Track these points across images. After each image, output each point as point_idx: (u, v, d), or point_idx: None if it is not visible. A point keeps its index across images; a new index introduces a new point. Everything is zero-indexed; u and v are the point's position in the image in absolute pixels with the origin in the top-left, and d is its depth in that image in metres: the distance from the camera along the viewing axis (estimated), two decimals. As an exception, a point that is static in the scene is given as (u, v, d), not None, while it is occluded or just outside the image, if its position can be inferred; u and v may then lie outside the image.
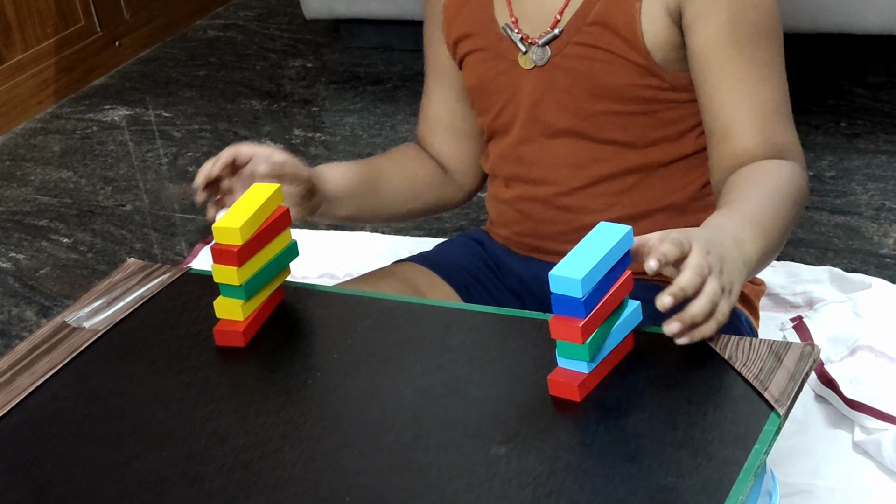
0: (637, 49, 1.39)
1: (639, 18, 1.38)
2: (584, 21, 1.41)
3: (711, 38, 1.37)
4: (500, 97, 1.50)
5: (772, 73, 1.39)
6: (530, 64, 1.45)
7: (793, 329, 1.82)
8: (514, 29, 1.46)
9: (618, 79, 1.41)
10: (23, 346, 1.32)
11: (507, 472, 1.04)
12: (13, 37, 3.25)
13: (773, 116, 1.38)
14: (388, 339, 1.26)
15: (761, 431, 1.05)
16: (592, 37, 1.41)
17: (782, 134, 1.38)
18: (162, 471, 1.10)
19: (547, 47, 1.44)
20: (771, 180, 1.33)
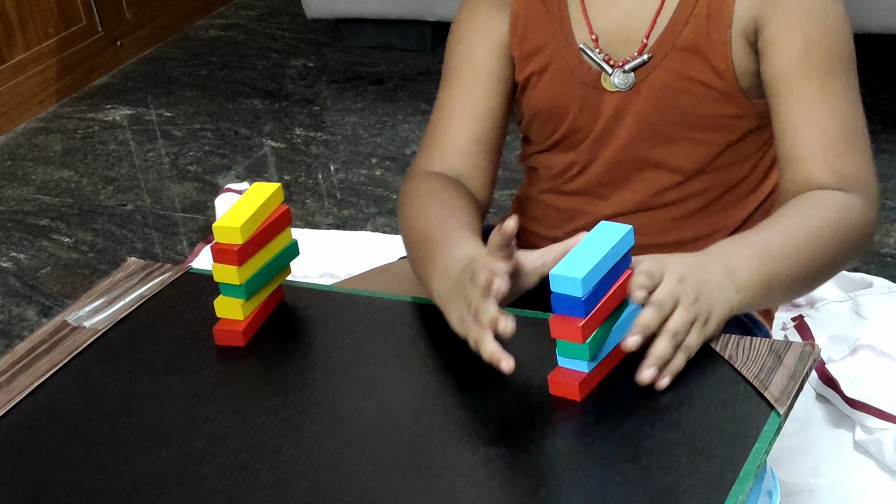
0: (727, 79, 1.35)
1: (730, 46, 1.35)
2: (672, 45, 1.36)
3: (783, 63, 1.33)
4: (572, 116, 1.44)
5: (843, 103, 1.34)
6: (612, 88, 1.40)
7: (794, 328, 1.82)
8: (594, 48, 1.40)
9: (704, 109, 1.38)
10: (23, 346, 1.32)
11: (506, 471, 1.04)
12: (15, 36, 3.25)
13: (840, 146, 1.32)
14: (388, 339, 1.26)
15: (761, 431, 1.05)
16: (682, 64, 1.36)
17: (849, 165, 1.32)
18: (161, 470, 1.10)
19: (632, 73, 1.39)
20: (809, 211, 1.29)
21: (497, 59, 1.47)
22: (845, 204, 1.30)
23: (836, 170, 1.32)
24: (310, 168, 2.78)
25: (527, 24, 1.45)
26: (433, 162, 1.47)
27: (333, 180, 2.71)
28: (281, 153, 2.88)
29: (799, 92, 1.33)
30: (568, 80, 1.43)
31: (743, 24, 1.35)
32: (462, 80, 1.48)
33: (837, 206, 1.30)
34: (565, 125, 1.46)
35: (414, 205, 1.41)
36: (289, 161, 2.83)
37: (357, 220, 2.50)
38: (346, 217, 2.52)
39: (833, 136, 1.33)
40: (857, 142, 1.35)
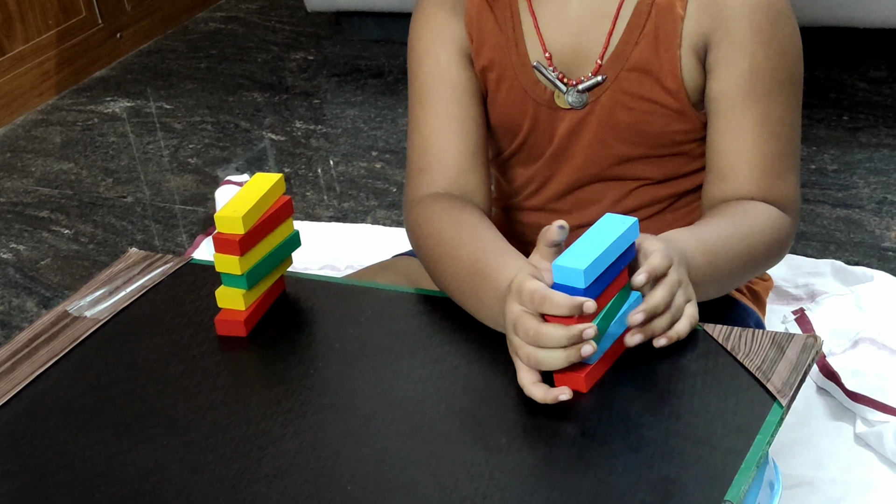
0: (679, 97, 1.36)
1: (680, 65, 1.34)
2: (622, 66, 1.36)
3: (729, 85, 1.33)
4: (525, 133, 1.44)
5: (783, 127, 1.35)
6: (566, 105, 1.40)
7: (795, 321, 1.82)
8: (548, 66, 1.40)
9: (657, 127, 1.38)
10: (24, 335, 1.32)
11: (507, 462, 1.04)
12: (14, 28, 3.25)
13: (776, 170, 1.34)
14: (390, 330, 1.25)
15: (764, 422, 1.05)
16: (633, 84, 1.36)
17: (781, 187, 1.35)
18: (163, 459, 1.10)
19: (586, 92, 1.39)
20: (748, 216, 1.32)
21: (466, 69, 1.44)
22: (776, 218, 1.33)
23: (769, 192, 1.34)
24: (310, 161, 2.78)
25: (481, 38, 1.43)
26: (432, 184, 1.43)
27: (333, 173, 2.71)
28: (281, 146, 2.87)
29: (740, 113, 1.34)
30: (522, 98, 1.42)
31: (693, 43, 1.34)
32: (437, 95, 1.45)
33: (770, 218, 1.33)
34: (518, 140, 1.46)
35: (434, 234, 1.36)
36: (289, 154, 2.83)
37: (357, 213, 2.50)
38: (347, 210, 2.52)
39: (769, 161, 1.34)
40: (791, 163, 1.36)
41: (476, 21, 1.43)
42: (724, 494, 0.97)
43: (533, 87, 1.41)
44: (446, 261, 1.31)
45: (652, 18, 1.34)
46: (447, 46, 1.45)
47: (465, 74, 1.44)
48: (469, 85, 1.44)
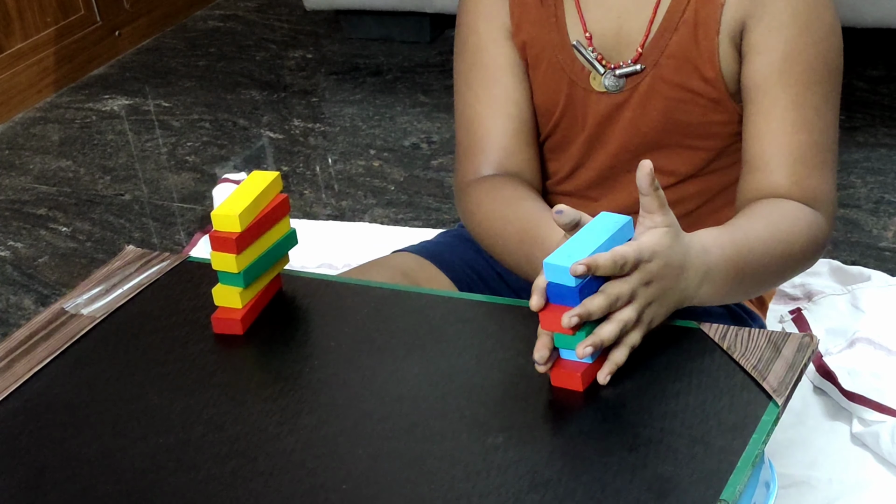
0: (718, 86, 1.35)
1: (718, 54, 1.34)
2: (661, 53, 1.36)
3: (763, 71, 1.32)
4: (559, 114, 1.44)
5: (818, 118, 1.33)
6: (602, 88, 1.39)
7: (791, 321, 1.82)
8: (587, 47, 1.39)
9: (695, 117, 1.37)
10: (20, 333, 1.32)
11: (504, 460, 1.04)
12: (13, 25, 3.25)
13: (810, 161, 1.32)
14: (386, 328, 1.25)
15: (759, 421, 1.05)
16: (671, 71, 1.36)
17: (815, 181, 1.33)
18: (159, 457, 1.10)
19: (624, 78, 1.38)
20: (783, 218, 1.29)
21: (509, 48, 1.44)
22: (812, 219, 1.31)
23: (802, 185, 1.32)
24: (308, 159, 2.78)
25: (522, 14, 1.44)
26: (481, 167, 1.44)
27: (331, 171, 2.71)
28: (279, 144, 2.87)
29: (775, 101, 1.32)
30: (559, 77, 1.42)
31: (730, 29, 1.33)
32: (480, 75, 1.45)
33: (806, 219, 1.30)
34: (553, 122, 1.45)
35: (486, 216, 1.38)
36: (287, 152, 2.83)
37: (355, 211, 2.50)
38: (345, 208, 2.52)
39: (803, 150, 1.32)
40: (826, 159, 1.34)
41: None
42: (720, 493, 0.97)
43: (570, 67, 1.41)
44: (500, 239, 1.35)
45: (692, 5, 1.34)
46: (491, 24, 1.45)
47: (508, 53, 1.44)
48: (512, 64, 1.44)
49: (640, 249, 1.11)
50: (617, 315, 1.11)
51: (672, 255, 1.14)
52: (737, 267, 1.22)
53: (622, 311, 1.11)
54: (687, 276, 1.16)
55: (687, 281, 1.16)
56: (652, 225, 1.14)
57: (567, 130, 1.45)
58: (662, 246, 1.13)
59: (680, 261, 1.15)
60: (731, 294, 1.24)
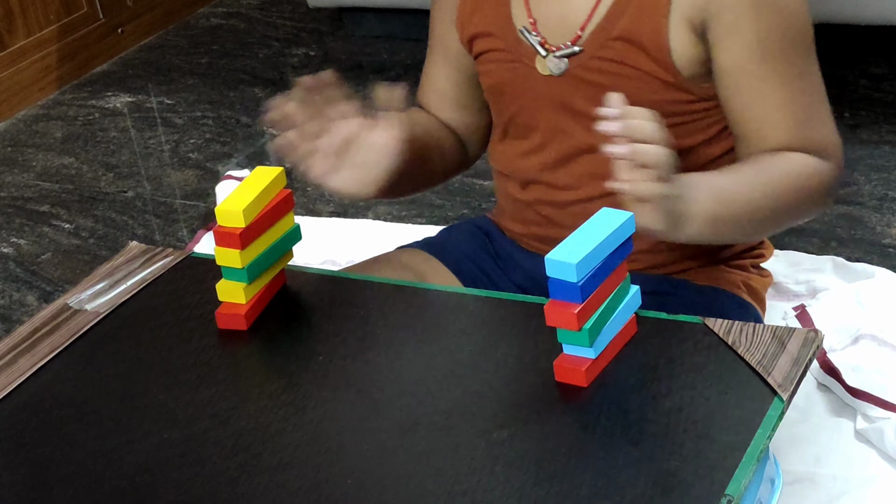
0: (665, 66, 1.35)
1: (667, 35, 1.34)
2: (608, 36, 1.37)
3: (740, 55, 1.33)
4: (518, 100, 1.46)
5: (804, 81, 1.36)
6: (546, 71, 1.41)
7: (795, 318, 1.82)
8: (532, 32, 1.41)
9: (644, 95, 1.36)
10: (24, 328, 1.32)
11: (508, 455, 1.04)
12: (16, 22, 3.25)
13: (805, 124, 1.36)
14: (391, 324, 1.25)
15: (764, 416, 1.05)
16: (617, 52, 1.37)
17: (815, 137, 1.36)
18: (163, 453, 1.10)
19: (565, 59, 1.40)
20: (776, 165, 1.33)
21: (454, 41, 1.51)
22: (817, 167, 1.34)
23: (811, 140, 1.35)
24: (311, 156, 2.78)
25: (473, 6, 1.47)
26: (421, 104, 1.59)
27: (334, 168, 2.71)
28: (282, 141, 2.87)
29: (759, 80, 1.34)
30: (509, 63, 1.45)
31: (685, 14, 1.34)
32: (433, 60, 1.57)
33: (804, 163, 1.34)
34: (511, 110, 1.47)
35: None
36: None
37: (358, 208, 2.50)
38: (347, 205, 2.52)
39: (797, 115, 1.35)
40: (820, 111, 1.38)
41: None
42: (725, 488, 0.97)
43: (518, 52, 1.43)
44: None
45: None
46: (444, 11, 1.53)
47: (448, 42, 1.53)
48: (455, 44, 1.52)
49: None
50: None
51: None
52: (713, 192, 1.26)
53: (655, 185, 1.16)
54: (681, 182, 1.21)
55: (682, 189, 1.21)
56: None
57: (525, 117, 1.47)
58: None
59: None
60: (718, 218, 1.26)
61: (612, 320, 1.14)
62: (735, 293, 1.48)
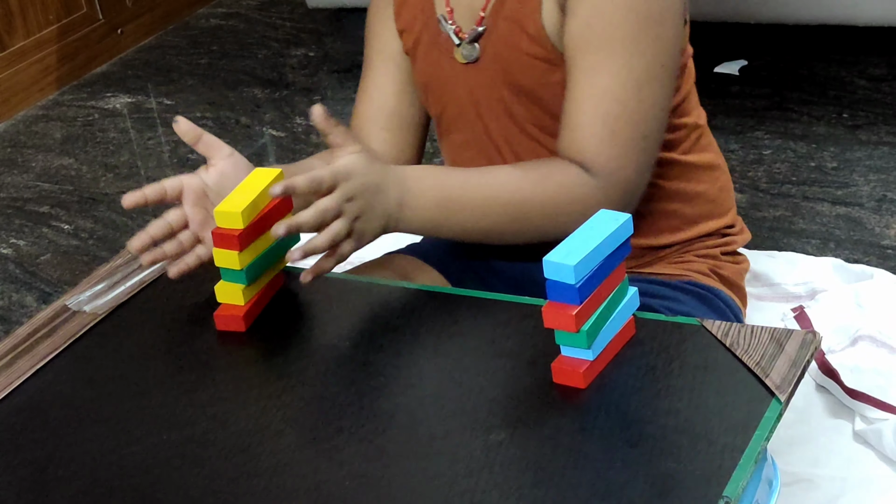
0: (544, 45, 1.35)
1: (540, 12, 1.34)
2: (499, 15, 1.37)
3: (570, 33, 1.32)
4: (445, 92, 1.46)
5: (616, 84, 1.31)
6: (463, 59, 1.42)
7: (794, 319, 1.82)
8: (448, 20, 1.42)
9: (533, 78, 1.37)
10: (23, 330, 1.32)
11: (506, 457, 1.04)
12: (15, 23, 3.25)
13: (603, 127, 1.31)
14: (389, 325, 1.25)
15: (762, 418, 1.05)
16: (506, 33, 1.37)
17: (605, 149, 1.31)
18: (162, 454, 1.10)
19: (476, 44, 1.40)
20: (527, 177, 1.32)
21: (392, 37, 1.52)
22: (578, 186, 1.32)
23: (592, 150, 1.31)
24: (310, 157, 2.78)
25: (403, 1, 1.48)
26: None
27: (334, 169, 2.71)
28: (281, 142, 2.88)
29: (579, 62, 1.32)
30: (434, 54, 1.45)
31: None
32: (365, 64, 1.57)
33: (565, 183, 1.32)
34: (442, 102, 1.48)
35: None
36: (289, 150, 2.83)
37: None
38: (347, 206, 2.52)
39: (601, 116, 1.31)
40: (622, 128, 1.31)
41: None
42: (723, 490, 0.97)
43: (439, 43, 1.44)
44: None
45: None
46: (378, 14, 1.54)
47: (388, 40, 1.53)
48: (389, 51, 1.52)
49: (334, 170, 1.23)
50: (329, 228, 1.22)
51: (368, 174, 1.25)
52: (439, 199, 1.30)
53: (333, 225, 1.22)
54: (387, 196, 1.27)
55: (387, 201, 1.27)
56: (346, 153, 1.25)
57: (453, 108, 1.47)
58: (357, 166, 1.24)
59: (377, 181, 1.26)
60: (440, 224, 1.31)
61: (611, 322, 1.14)
62: (702, 282, 1.48)
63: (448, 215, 1.31)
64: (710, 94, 2.71)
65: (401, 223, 1.29)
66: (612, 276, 1.13)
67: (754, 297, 1.86)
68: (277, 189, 1.19)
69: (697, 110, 1.49)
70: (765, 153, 2.52)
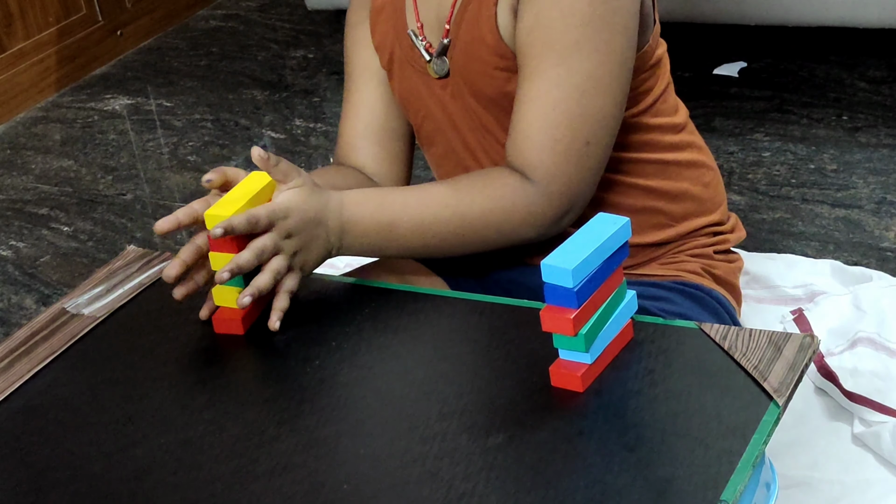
0: (501, 52, 1.35)
1: (497, 21, 1.34)
2: (460, 26, 1.38)
3: (519, 37, 1.32)
4: (420, 107, 1.47)
5: (559, 92, 1.30)
6: (435, 74, 1.42)
7: (793, 321, 1.82)
8: (418, 36, 1.43)
9: (495, 87, 1.38)
10: (22, 332, 1.32)
11: (504, 460, 1.04)
12: (15, 25, 3.25)
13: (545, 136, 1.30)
14: (387, 328, 1.25)
15: (760, 422, 1.05)
16: (467, 44, 1.38)
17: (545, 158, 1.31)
18: (160, 457, 1.10)
19: (445, 58, 1.40)
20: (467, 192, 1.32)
21: (371, 54, 1.51)
22: (518, 193, 1.32)
23: (533, 157, 1.31)
24: (310, 159, 2.78)
25: (377, 17, 1.49)
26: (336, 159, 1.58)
27: (333, 171, 2.71)
28: (281, 144, 2.87)
29: (524, 68, 1.32)
30: (407, 70, 1.46)
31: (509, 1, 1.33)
32: (348, 82, 1.55)
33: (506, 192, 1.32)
34: (419, 118, 1.48)
35: None
36: (289, 152, 2.83)
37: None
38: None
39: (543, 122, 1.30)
40: (563, 135, 1.31)
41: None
42: (720, 494, 0.97)
43: (412, 59, 1.45)
44: None
45: None
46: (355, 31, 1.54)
47: (367, 58, 1.52)
48: (370, 68, 1.52)
49: (272, 209, 1.25)
50: (268, 266, 1.25)
51: (307, 209, 1.28)
52: (379, 223, 1.31)
53: (272, 262, 1.25)
54: (326, 227, 1.29)
55: (327, 232, 1.29)
56: (286, 188, 1.28)
57: (432, 124, 1.48)
58: (295, 203, 1.27)
59: (316, 214, 1.28)
60: (382, 247, 1.33)
61: (608, 325, 1.14)
62: (695, 282, 1.48)
63: (390, 238, 1.32)
64: (710, 96, 2.71)
65: (342, 250, 1.32)
66: (610, 279, 1.13)
67: (753, 299, 1.86)
68: (217, 230, 1.22)
69: (676, 110, 1.49)
70: (764, 155, 2.52)
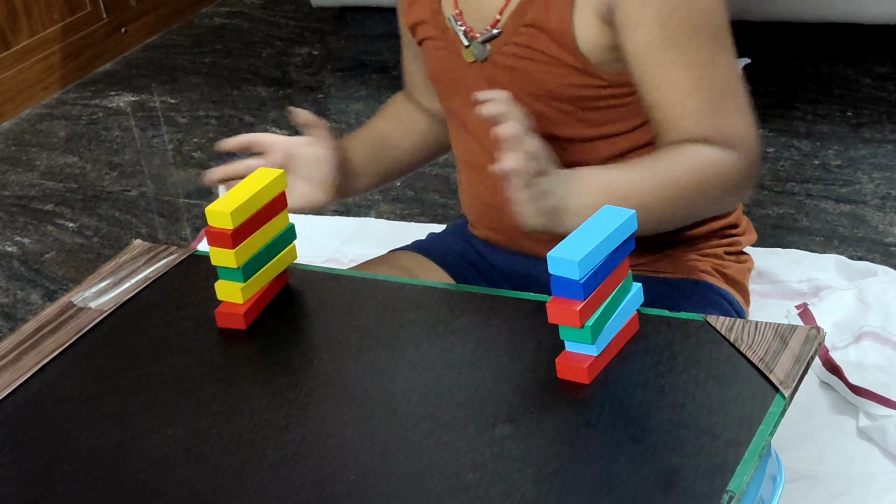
0: (571, 52, 1.37)
1: (571, 22, 1.36)
2: (520, 22, 1.39)
3: (643, 40, 1.34)
4: (452, 88, 1.49)
5: (713, 70, 1.35)
6: (471, 58, 1.44)
7: (798, 316, 1.82)
8: (457, 21, 1.45)
9: (554, 80, 1.39)
10: (29, 326, 1.32)
11: (511, 451, 1.05)
12: (19, 22, 3.25)
13: (712, 113, 1.34)
14: (393, 321, 1.26)
15: (766, 413, 1.05)
16: (528, 38, 1.39)
17: (724, 127, 1.35)
18: (167, 449, 1.11)
19: (487, 45, 1.42)
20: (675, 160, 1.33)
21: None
22: (720, 158, 1.33)
23: (710, 133, 1.34)
24: (314, 155, 2.78)
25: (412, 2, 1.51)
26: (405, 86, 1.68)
27: (338, 167, 2.71)
28: (285, 140, 2.88)
29: (664, 65, 1.34)
30: (442, 52, 1.48)
31: (592, 2, 1.35)
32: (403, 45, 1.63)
33: (710, 159, 1.33)
34: (449, 99, 1.51)
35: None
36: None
37: (361, 207, 2.50)
38: (350, 203, 2.52)
39: (703, 104, 1.34)
40: (731, 103, 1.36)
41: None
42: (727, 485, 0.98)
43: (448, 42, 1.47)
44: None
45: None
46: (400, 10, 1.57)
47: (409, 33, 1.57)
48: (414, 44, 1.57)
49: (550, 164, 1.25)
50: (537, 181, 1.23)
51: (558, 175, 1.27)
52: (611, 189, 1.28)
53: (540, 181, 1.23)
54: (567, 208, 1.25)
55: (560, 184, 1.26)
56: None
57: (460, 104, 1.49)
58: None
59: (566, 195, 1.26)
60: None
61: (615, 317, 1.14)
62: (706, 280, 1.48)
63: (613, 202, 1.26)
64: (714, 93, 2.71)
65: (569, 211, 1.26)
66: (617, 271, 1.14)
67: (758, 294, 1.86)
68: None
69: None
70: (769, 151, 2.52)
